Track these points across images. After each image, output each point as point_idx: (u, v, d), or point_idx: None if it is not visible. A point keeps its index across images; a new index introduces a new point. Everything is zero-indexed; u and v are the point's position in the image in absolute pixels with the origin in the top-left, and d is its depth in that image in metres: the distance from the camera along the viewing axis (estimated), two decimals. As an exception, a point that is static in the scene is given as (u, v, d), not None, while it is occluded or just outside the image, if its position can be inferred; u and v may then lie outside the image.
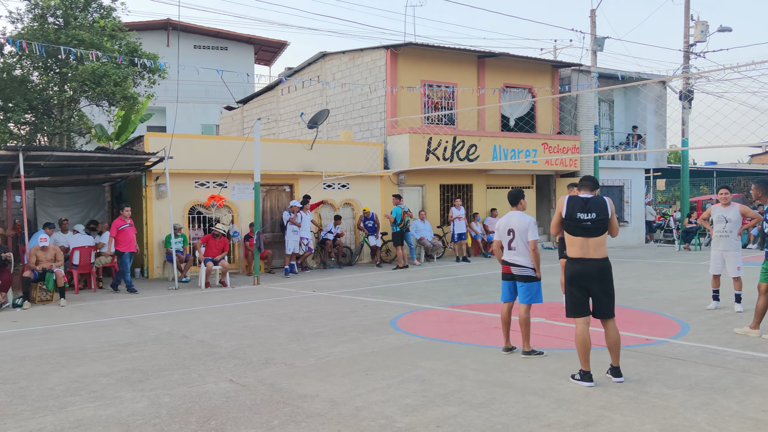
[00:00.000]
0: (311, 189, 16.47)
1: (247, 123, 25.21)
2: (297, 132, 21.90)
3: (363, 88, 19.16)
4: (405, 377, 5.96)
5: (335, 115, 20.55)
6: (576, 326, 5.71)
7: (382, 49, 18.74)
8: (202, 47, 34.11)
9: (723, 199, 9.25)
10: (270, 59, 39.12)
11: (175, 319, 9.47)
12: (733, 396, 5.23)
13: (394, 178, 18.38)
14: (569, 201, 5.78)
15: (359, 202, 17.58)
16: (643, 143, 23.11)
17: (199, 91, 32.27)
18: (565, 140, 20.52)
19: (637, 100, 23.25)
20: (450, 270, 15.52)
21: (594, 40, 22.20)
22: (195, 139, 16.16)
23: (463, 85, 19.67)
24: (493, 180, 20.48)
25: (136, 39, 18.27)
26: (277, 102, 23.88)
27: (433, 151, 17.76)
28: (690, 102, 22.76)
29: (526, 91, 21.20)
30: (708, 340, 7.26)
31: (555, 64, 21.98)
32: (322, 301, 10.98)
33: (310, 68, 21.94)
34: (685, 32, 23.26)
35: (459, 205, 17.97)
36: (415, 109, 18.82)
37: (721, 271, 9.31)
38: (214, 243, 13.51)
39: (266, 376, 6.11)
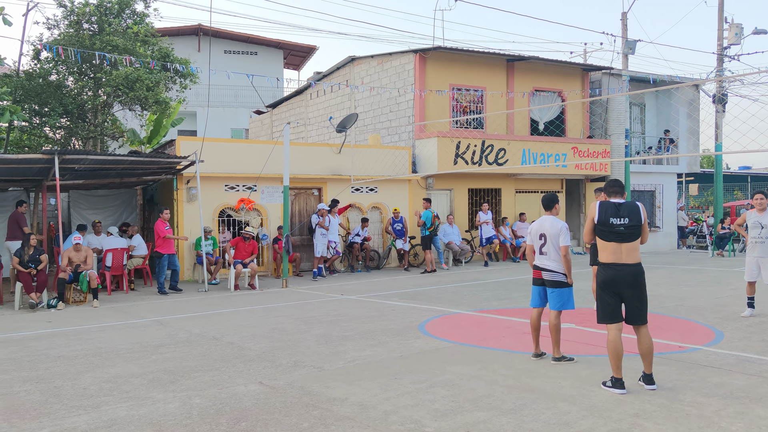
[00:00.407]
0: (339, 192, 16.53)
1: (276, 127, 25.42)
2: (325, 136, 22.01)
3: (391, 92, 19.19)
4: (434, 382, 5.94)
5: (364, 119, 20.61)
6: (608, 332, 5.64)
7: (411, 53, 18.76)
8: (232, 52, 34.46)
9: (759, 204, 9.07)
10: (299, 63, 39.38)
11: (205, 320, 9.58)
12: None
13: (423, 182, 18.37)
14: (601, 206, 5.72)
15: (387, 206, 17.59)
16: (675, 147, 22.75)
17: (229, 95, 32.62)
18: (595, 144, 20.30)
19: (670, 103, 22.89)
20: (478, 274, 15.44)
21: (625, 43, 21.93)
22: (225, 143, 16.33)
23: (491, 89, 19.59)
24: (522, 184, 20.34)
25: (168, 44, 18.54)
26: (306, 106, 24.04)
27: (462, 155, 17.71)
28: (724, 106, 22.34)
29: (555, 94, 21.02)
30: (743, 348, 7.11)
31: (585, 67, 21.75)
32: (350, 304, 11.00)
33: (338, 72, 22.05)
34: (718, 35, 22.84)
35: (486, 210, 17.88)
36: (443, 112, 18.78)
37: (756, 278, 9.13)
38: (244, 246, 13.64)
39: (295, 378, 6.14)
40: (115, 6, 17.23)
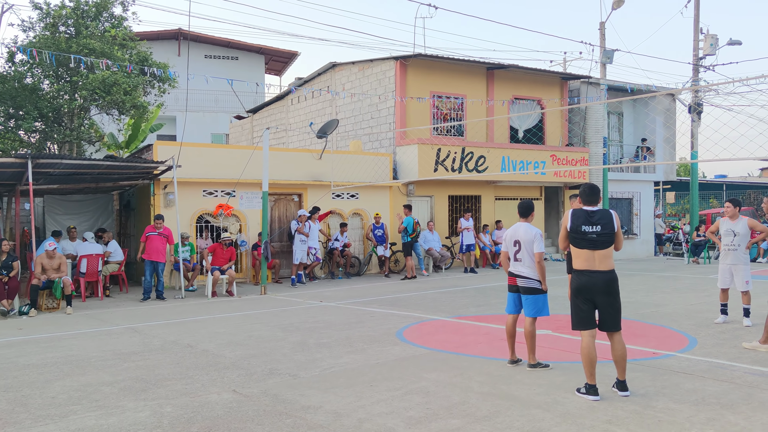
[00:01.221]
0: (320, 198, 16.49)
1: (257, 132, 25.32)
2: (306, 142, 21.96)
3: (372, 98, 19.21)
4: (409, 389, 5.92)
5: (344, 125, 20.60)
6: (582, 339, 5.66)
7: (392, 60, 18.80)
8: (212, 57, 34.32)
9: (728, 212, 9.19)
10: (280, 69, 39.32)
11: (181, 328, 9.47)
12: (741, 412, 5.15)
13: (403, 189, 18.38)
14: (573, 214, 5.75)
15: (368, 212, 17.58)
16: (652, 156, 23.02)
17: (210, 100, 32.46)
18: (573, 152, 20.47)
19: (646, 112, 23.18)
20: (458, 281, 15.47)
21: (603, 53, 22.17)
22: (204, 148, 16.22)
23: (472, 97, 19.69)
24: (501, 191, 20.44)
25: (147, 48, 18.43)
26: (287, 112, 23.97)
27: (442, 162, 17.75)
28: (699, 115, 22.66)
29: (534, 102, 21.18)
30: (716, 355, 7.18)
31: (564, 76, 21.95)
32: (328, 311, 10.95)
33: (320, 78, 22.03)
34: (694, 45, 23.20)
35: (468, 217, 17.94)
36: (424, 120, 18.84)
37: (729, 285, 9.23)
38: (222, 252, 13.53)
39: (270, 386, 6.09)
40: (93, 9, 17.08)
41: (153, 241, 12.76)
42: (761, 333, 7.57)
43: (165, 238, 12.95)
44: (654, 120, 23.03)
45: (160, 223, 12.97)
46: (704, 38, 22.99)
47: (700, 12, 23.26)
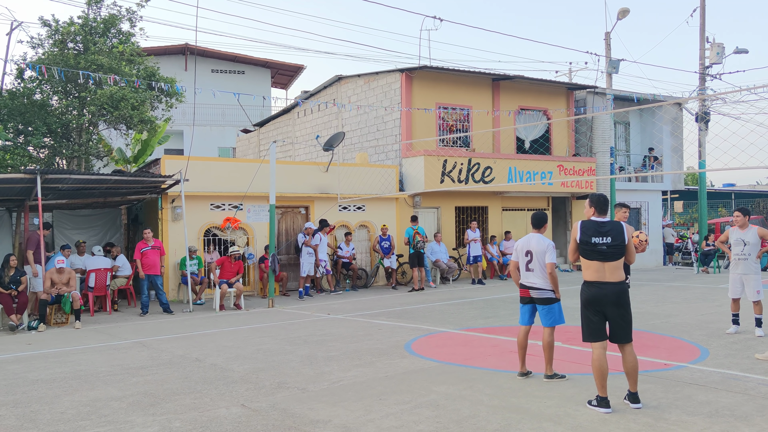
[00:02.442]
0: (327, 211, 16.50)
1: (264, 146, 25.39)
2: (313, 154, 22.01)
3: (378, 110, 19.26)
4: (418, 402, 5.88)
5: (351, 137, 20.65)
6: (593, 351, 5.61)
7: (397, 72, 18.86)
8: (219, 71, 34.53)
9: (737, 221, 9.13)
10: (286, 83, 39.51)
11: (189, 342, 9.46)
12: (756, 424, 5.09)
13: (410, 200, 18.37)
14: (583, 226, 5.72)
15: (375, 224, 17.57)
16: (659, 165, 22.95)
17: (216, 114, 32.62)
18: (580, 162, 20.42)
19: (653, 122, 23.14)
20: (465, 292, 15.41)
21: (609, 63, 22.19)
22: (211, 162, 16.27)
23: (477, 108, 19.71)
24: (508, 202, 20.40)
25: (154, 63, 18.54)
26: (293, 125, 24.05)
27: (448, 174, 17.75)
28: (707, 124, 22.60)
29: (541, 113, 21.18)
30: (728, 366, 7.10)
31: (570, 86, 21.95)
32: (336, 324, 10.92)
33: (326, 91, 22.11)
34: (700, 54, 23.18)
35: (474, 228, 17.89)
36: (430, 131, 18.85)
37: (740, 295, 9.16)
38: (230, 265, 13.54)
39: (278, 400, 6.06)
40: (101, 25, 17.22)
41: (149, 256, 12.72)
42: (774, 343, 7.48)
43: (158, 250, 12.94)
44: (661, 129, 22.97)
45: (149, 234, 12.94)
46: (710, 47, 22.98)
47: (706, 21, 23.28)
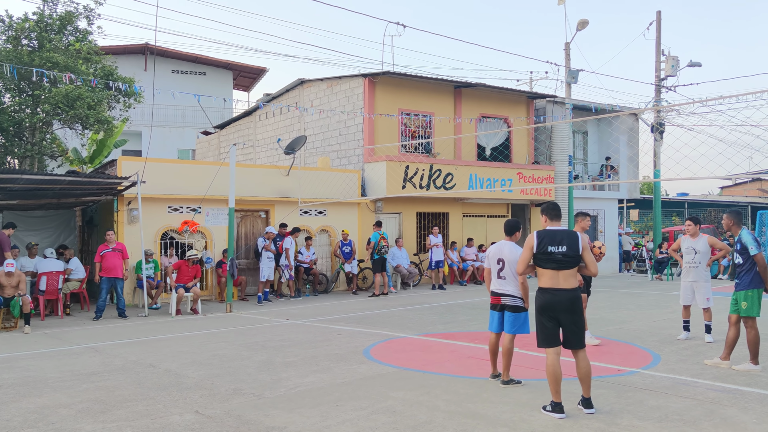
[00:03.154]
0: (287, 215, 16.38)
1: (224, 148, 25.11)
2: (274, 158, 21.85)
3: (341, 115, 19.23)
4: (376, 408, 5.87)
5: (313, 141, 20.56)
6: (547, 356, 5.69)
7: (360, 77, 18.87)
8: (180, 72, 34.05)
9: (688, 230, 9.38)
10: (249, 85, 39.18)
11: (143, 347, 9.27)
12: (704, 428, 5.22)
13: (372, 205, 18.38)
14: (539, 235, 5.79)
15: (336, 229, 17.51)
16: (616, 174, 23.43)
17: (176, 115, 32.14)
18: (539, 170, 20.73)
19: (610, 131, 23.63)
20: (426, 298, 15.46)
21: (568, 73, 22.59)
22: (169, 164, 16.02)
23: (439, 114, 19.84)
24: (468, 208, 20.58)
25: (113, 63, 18.18)
26: (255, 128, 23.85)
27: (410, 179, 17.81)
28: (661, 134, 23.18)
29: (501, 121, 21.43)
30: (679, 371, 7.27)
31: (530, 95, 22.28)
32: (295, 329, 10.84)
33: (288, 94, 21.99)
34: (656, 66, 23.78)
35: (437, 233, 17.98)
36: (392, 137, 18.90)
37: (691, 302, 9.39)
38: (187, 269, 13.31)
39: (234, 407, 5.97)
40: (57, 22, 16.81)
41: (109, 258, 12.47)
42: (722, 349, 7.69)
43: (120, 252, 12.67)
44: (618, 139, 23.47)
45: (111, 236, 12.67)
46: (666, 60, 23.59)
47: (661, 34, 23.89)
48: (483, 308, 12.04)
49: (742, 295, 7.35)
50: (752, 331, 7.33)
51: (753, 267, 7.33)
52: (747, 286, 7.33)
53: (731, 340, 7.47)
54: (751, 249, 7.31)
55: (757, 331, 7.35)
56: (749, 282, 7.33)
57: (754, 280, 7.31)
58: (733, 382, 6.72)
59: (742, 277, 7.41)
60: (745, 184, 46.23)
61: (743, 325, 7.44)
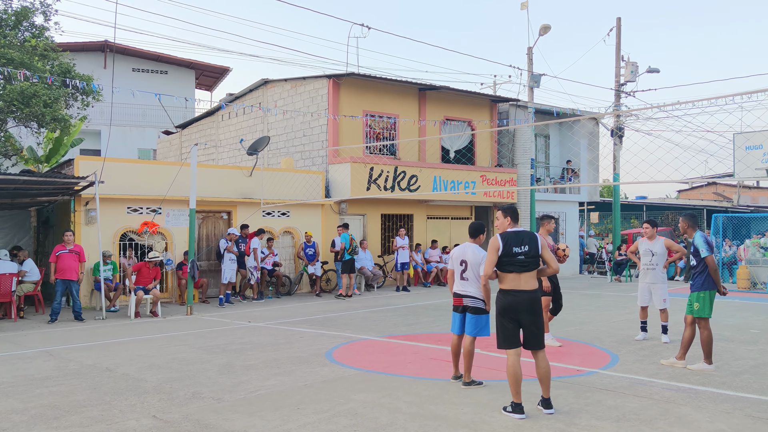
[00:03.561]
0: (250, 216, 16.22)
1: (186, 148, 24.75)
2: (237, 159, 21.63)
3: (305, 116, 19.13)
4: (337, 411, 5.83)
5: (276, 142, 20.42)
6: (507, 358, 5.73)
7: (325, 78, 18.80)
8: (141, 70, 33.47)
9: (646, 232, 9.59)
10: (211, 84, 38.72)
11: (100, 351, 9.06)
12: (659, 427, 5.32)
13: (336, 207, 18.32)
14: (503, 237, 5.83)
15: (299, 231, 17.40)
16: (577, 177, 23.81)
17: (137, 114, 31.58)
18: (502, 173, 20.95)
19: (571, 135, 24.00)
20: (389, 300, 15.47)
21: (531, 77, 22.86)
22: (129, 164, 15.71)
23: (404, 117, 19.89)
24: (433, 210, 20.67)
25: (70, 60, 17.74)
26: (217, 128, 23.57)
27: (375, 181, 17.81)
28: (621, 139, 23.64)
29: (465, 124, 21.59)
30: (636, 371, 7.41)
31: (494, 98, 22.50)
32: (257, 332, 10.73)
33: (251, 95, 21.79)
34: (616, 72, 24.24)
35: (403, 235, 18.02)
36: (356, 138, 18.88)
37: (648, 303, 9.59)
38: (147, 271, 13.08)
39: (192, 411, 5.87)
40: (12, 18, 16.34)
41: (64, 259, 12.17)
42: (678, 349, 7.86)
43: (77, 254, 12.37)
44: (578, 143, 23.86)
45: (69, 237, 12.37)
46: (625, 65, 24.07)
47: (621, 40, 24.37)
48: (446, 310, 12.11)
49: (695, 296, 7.53)
50: (705, 331, 7.50)
51: (706, 269, 7.51)
52: (700, 288, 7.51)
53: (686, 341, 7.65)
54: (702, 252, 7.50)
55: (710, 331, 7.53)
56: (702, 283, 7.51)
57: (707, 281, 7.49)
58: (688, 382, 6.87)
59: (696, 278, 7.59)
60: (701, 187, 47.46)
61: (697, 325, 7.61)
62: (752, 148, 18.91)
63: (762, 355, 8.35)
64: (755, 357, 8.20)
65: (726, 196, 43.14)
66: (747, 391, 6.49)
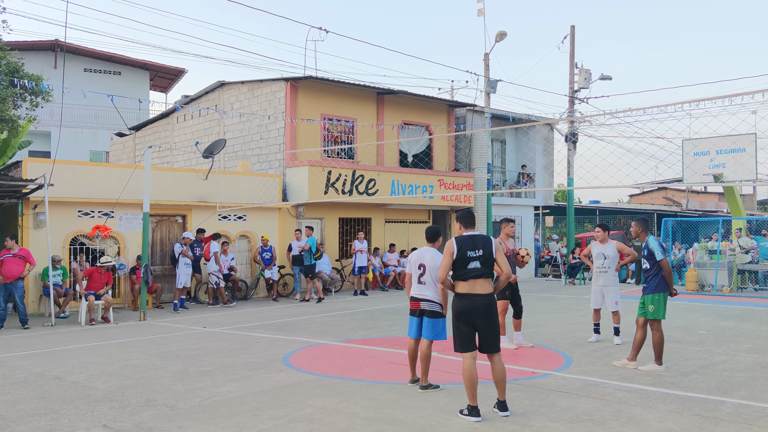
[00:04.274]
0: (205, 220, 15.98)
1: (140, 150, 24.28)
2: (192, 161, 21.31)
3: (262, 118, 18.97)
4: (293, 417, 5.78)
5: (233, 145, 20.19)
6: (463, 361, 5.77)
7: (282, 80, 18.68)
8: (93, 71, 32.69)
9: (598, 236, 9.80)
10: (167, 86, 38.06)
11: (49, 358, 8.79)
12: (611, 428, 5.42)
13: (293, 211, 18.19)
14: (458, 241, 5.88)
15: (256, 235, 17.22)
16: (532, 182, 24.18)
17: (89, 116, 30.83)
18: (459, 177, 21.14)
19: (527, 141, 24.38)
20: (347, 304, 15.42)
21: (487, 83, 23.15)
22: (80, 166, 15.31)
23: (362, 120, 19.90)
24: (391, 214, 20.72)
25: (19, 59, 17.24)
26: (173, 130, 23.18)
27: (333, 185, 17.76)
28: (575, 144, 24.11)
29: (423, 128, 21.72)
30: (589, 373, 7.55)
31: (451, 103, 22.69)
32: (212, 337, 10.56)
33: (207, 97, 21.51)
34: (570, 78, 24.73)
35: (362, 239, 18.00)
36: (314, 142, 18.80)
37: (601, 305, 9.79)
38: (98, 276, 12.76)
39: (144, 419, 5.74)
40: (-43, 14, 15.81)
41: (8, 263, 11.74)
42: (630, 351, 8.04)
43: (22, 259, 11.98)
44: (534, 148, 24.25)
45: (11, 242, 11.96)
46: (579, 72, 24.57)
47: (575, 48, 24.89)
48: (404, 313, 12.13)
49: (650, 298, 7.71)
50: (657, 333, 7.69)
51: (659, 272, 7.70)
52: (654, 290, 7.70)
53: (638, 342, 7.82)
54: (657, 255, 7.69)
55: (662, 333, 7.73)
56: (656, 286, 7.70)
57: (661, 284, 7.68)
58: (639, 383, 7.03)
59: (650, 281, 7.77)
60: (652, 192, 48.77)
61: (649, 327, 7.80)
62: (700, 154, 19.53)
63: (709, 355, 8.61)
64: (702, 357, 8.44)
65: (675, 201, 44.44)
66: (695, 390, 6.68)
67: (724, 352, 8.86)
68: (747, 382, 7.05)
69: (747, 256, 18.60)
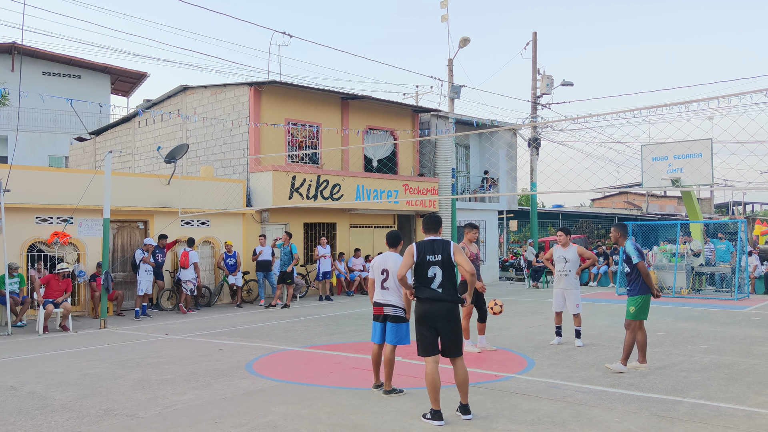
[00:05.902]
0: (168, 225, 15.77)
1: (100, 155, 23.84)
2: (154, 167, 21.01)
3: (225, 123, 18.80)
4: (256, 424, 5.74)
5: (195, 150, 19.96)
6: (426, 365, 5.81)
7: (246, 85, 18.55)
8: (52, 74, 32.02)
9: (560, 240, 9.96)
10: (128, 90, 37.48)
11: (4, 368, 8.57)
12: (572, 429, 5.51)
13: (257, 216, 18.07)
14: (418, 246, 5.94)
15: (220, 240, 17.05)
16: (496, 186, 24.44)
17: (48, 120, 30.17)
18: (424, 182, 21.26)
19: (490, 146, 24.64)
20: (312, 309, 15.37)
21: (451, 88, 23.34)
22: (38, 171, 14.97)
23: (327, 125, 19.87)
24: (356, 219, 20.72)
25: (-27, 61, 16.79)
26: (134, 135, 22.83)
27: (297, 190, 17.69)
28: (537, 149, 24.46)
29: (388, 133, 21.79)
30: (551, 375, 7.66)
31: (415, 109, 22.81)
32: (174, 345, 10.42)
33: (170, 101, 21.24)
34: (532, 84, 25.11)
35: (325, 244, 17.95)
36: (278, 147, 18.71)
37: (562, 308, 9.94)
38: (57, 283, 12.48)
39: (104, 429, 5.64)
40: None
41: None
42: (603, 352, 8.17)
43: None
44: (497, 153, 24.51)
45: None
46: (541, 78, 24.97)
47: (537, 54, 25.27)
48: (369, 319, 12.11)
49: (632, 300, 7.91)
50: (637, 333, 7.87)
51: (640, 275, 7.88)
52: (637, 293, 7.90)
53: (641, 343, 7.96)
54: (634, 258, 7.88)
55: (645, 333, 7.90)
56: (638, 289, 7.90)
57: (642, 286, 7.88)
58: (599, 384, 7.16)
59: (632, 285, 7.96)
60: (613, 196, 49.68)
61: (625, 327, 7.96)
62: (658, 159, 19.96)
63: (667, 356, 8.80)
64: (661, 359, 8.63)
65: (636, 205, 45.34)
66: (653, 391, 6.83)
67: (682, 353, 9.08)
68: (703, 382, 7.24)
69: (698, 258, 19.07)
